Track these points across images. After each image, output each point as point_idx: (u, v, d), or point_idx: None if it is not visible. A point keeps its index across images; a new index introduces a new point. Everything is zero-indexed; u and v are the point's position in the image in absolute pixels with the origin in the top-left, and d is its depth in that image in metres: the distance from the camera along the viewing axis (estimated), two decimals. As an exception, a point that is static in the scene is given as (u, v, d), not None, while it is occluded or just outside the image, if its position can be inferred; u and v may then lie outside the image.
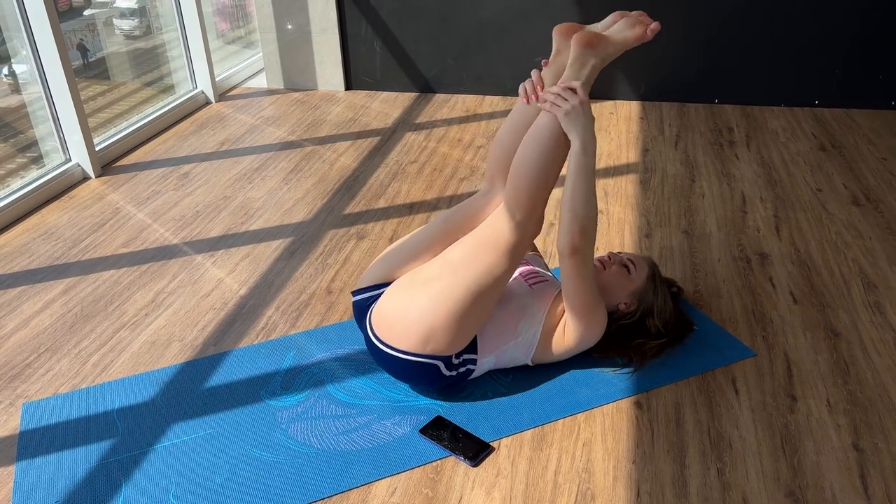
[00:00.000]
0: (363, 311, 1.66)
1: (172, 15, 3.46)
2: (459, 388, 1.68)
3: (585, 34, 1.57)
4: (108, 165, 2.92)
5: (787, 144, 2.99)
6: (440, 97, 3.64)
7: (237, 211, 2.54)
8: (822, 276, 2.09)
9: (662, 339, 1.76)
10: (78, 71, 3.34)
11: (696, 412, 1.60)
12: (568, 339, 1.66)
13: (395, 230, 2.39)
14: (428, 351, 1.54)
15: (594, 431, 1.56)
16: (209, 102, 3.60)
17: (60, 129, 2.74)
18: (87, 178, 2.81)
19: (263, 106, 3.56)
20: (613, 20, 1.62)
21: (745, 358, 1.76)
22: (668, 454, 1.50)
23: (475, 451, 1.50)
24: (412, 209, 2.52)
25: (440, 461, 1.49)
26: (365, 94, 3.71)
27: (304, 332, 1.90)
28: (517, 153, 1.58)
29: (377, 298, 1.64)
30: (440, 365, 1.56)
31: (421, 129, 3.25)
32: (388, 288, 1.62)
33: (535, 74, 1.65)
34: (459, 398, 1.65)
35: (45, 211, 2.57)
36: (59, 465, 1.51)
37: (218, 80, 3.68)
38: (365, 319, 1.65)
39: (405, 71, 3.68)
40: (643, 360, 1.73)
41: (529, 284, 1.72)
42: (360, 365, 1.77)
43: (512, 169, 1.57)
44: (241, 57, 4.13)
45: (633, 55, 3.44)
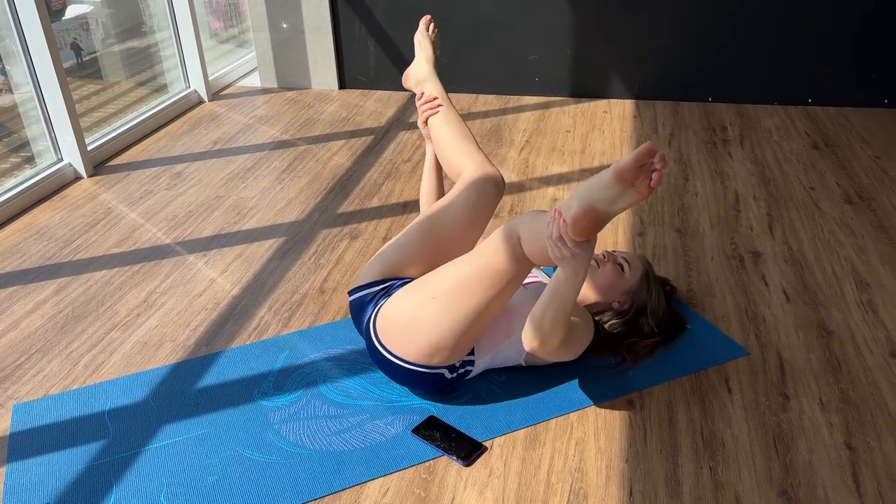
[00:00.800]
0: (360, 308, 1.65)
1: (165, 14, 3.44)
2: (453, 387, 1.67)
3: (583, 230, 1.32)
4: (100, 165, 2.91)
5: (780, 143, 3.00)
6: (434, 96, 3.63)
7: (230, 211, 2.53)
8: (814, 274, 2.09)
9: (655, 337, 1.76)
10: (72, 70, 3.33)
11: (688, 411, 1.60)
12: None
13: (388, 229, 2.38)
14: (433, 363, 1.54)
15: (587, 431, 1.56)
16: (202, 102, 3.58)
17: (52, 129, 2.73)
18: (79, 177, 2.80)
19: (257, 105, 3.55)
20: (611, 183, 1.27)
21: (737, 357, 1.76)
22: (660, 453, 1.50)
23: (468, 450, 1.50)
24: (406, 208, 2.52)
25: (433, 461, 1.49)
26: (359, 93, 3.71)
27: (296, 331, 1.89)
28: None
29: (375, 296, 1.63)
30: (444, 371, 1.57)
31: (415, 128, 3.24)
32: (394, 294, 1.59)
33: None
34: (452, 398, 1.65)
35: (36, 211, 2.56)
36: (49, 466, 1.50)
37: (211, 79, 3.66)
38: (362, 319, 1.65)
39: (399, 70, 3.67)
40: (636, 359, 1.73)
41: (524, 285, 1.72)
42: (352, 365, 1.76)
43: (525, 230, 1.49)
44: (234, 56, 4.12)
45: (626, 54, 3.45)
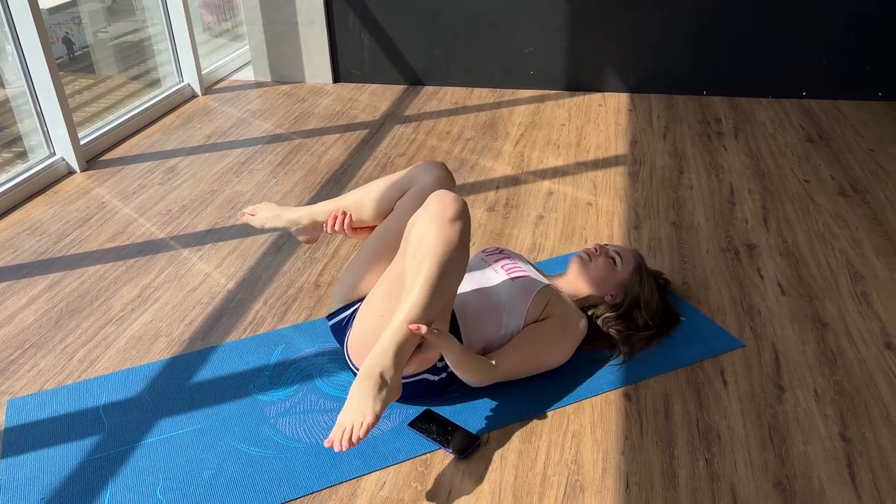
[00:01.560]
0: (339, 332, 1.65)
1: (158, 7, 3.42)
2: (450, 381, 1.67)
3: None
4: (93, 160, 2.89)
5: (774, 136, 3.00)
6: (429, 89, 3.63)
7: (224, 205, 2.52)
8: (809, 266, 2.09)
9: (650, 330, 1.77)
10: (64, 64, 3.31)
11: (684, 403, 1.61)
12: None
13: (383, 223, 2.37)
14: (411, 372, 1.53)
15: (583, 423, 1.56)
16: (195, 95, 3.57)
17: (45, 123, 2.71)
18: (72, 172, 2.78)
19: (250, 99, 3.54)
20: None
21: (733, 349, 1.77)
22: (656, 445, 1.50)
23: (464, 444, 1.50)
24: (401, 202, 2.51)
25: (429, 454, 1.49)
26: (353, 86, 3.69)
27: (292, 326, 1.89)
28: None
29: (347, 321, 1.63)
30: (426, 376, 1.56)
31: (409, 121, 3.23)
32: (355, 318, 1.59)
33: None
34: (448, 391, 1.65)
35: (29, 205, 2.54)
36: (44, 461, 1.49)
37: (204, 73, 3.65)
38: (342, 343, 1.64)
39: (393, 63, 3.67)
40: (631, 351, 1.74)
41: (511, 278, 1.70)
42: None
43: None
44: (227, 49, 4.10)
45: (621, 47, 3.45)
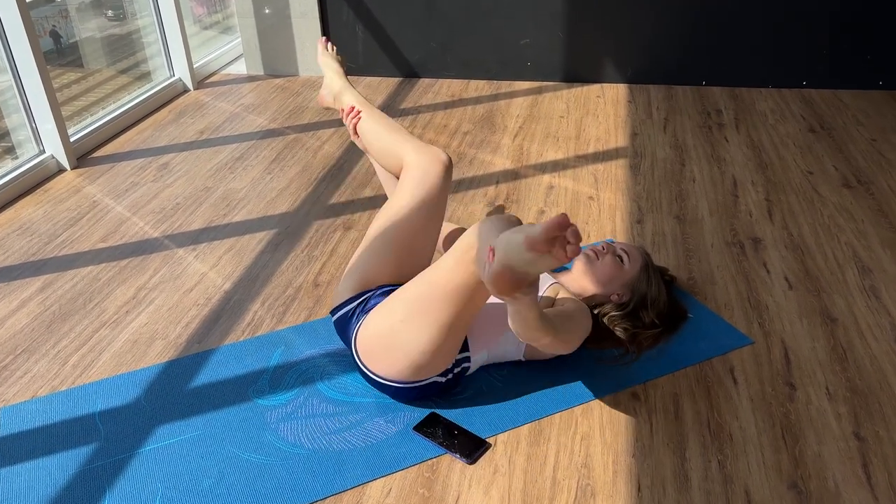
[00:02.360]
0: (344, 325, 1.61)
1: (147, 1, 3.35)
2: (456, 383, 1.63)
3: (498, 288, 1.15)
4: (83, 157, 2.83)
5: (776, 126, 2.96)
6: (425, 82, 3.58)
7: (219, 202, 2.47)
8: (816, 260, 2.06)
9: (657, 328, 1.73)
10: (52, 58, 3.24)
11: (694, 403, 1.57)
12: None
13: (382, 220, 2.33)
14: (420, 378, 1.50)
15: (592, 425, 1.53)
16: (187, 90, 3.50)
17: (33, 119, 2.65)
18: (62, 170, 2.72)
19: (243, 93, 3.48)
20: (526, 248, 1.10)
21: (741, 346, 1.73)
22: (667, 447, 1.47)
23: (471, 448, 1.46)
24: (399, 198, 2.47)
25: (436, 459, 1.45)
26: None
27: (291, 327, 1.85)
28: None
29: (355, 312, 1.59)
30: (436, 379, 1.52)
31: (406, 114, 3.18)
32: (367, 316, 1.54)
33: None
34: (453, 394, 1.61)
35: (19, 205, 2.49)
36: (39, 471, 1.45)
37: (196, 66, 3.58)
38: (348, 337, 1.60)
39: (388, 55, 3.61)
40: (639, 350, 1.70)
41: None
42: (349, 361, 1.72)
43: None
44: (219, 42, 4.03)
45: (619, 38, 3.40)
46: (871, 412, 1.54)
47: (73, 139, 2.79)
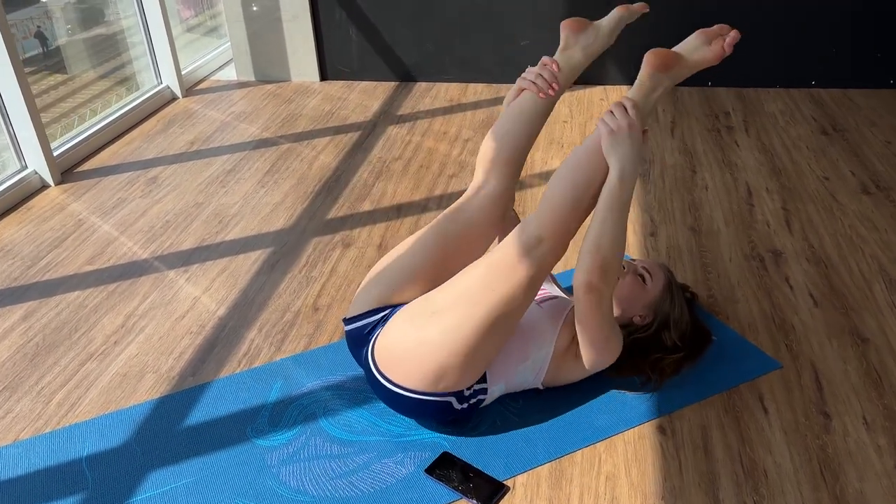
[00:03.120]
0: (358, 340, 1.50)
1: (131, 2, 3.21)
2: (467, 418, 1.53)
3: (660, 55, 1.48)
4: (68, 171, 2.70)
5: (786, 129, 2.87)
6: (422, 86, 3.46)
7: (211, 219, 2.36)
8: (840, 274, 1.97)
9: (679, 352, 1.63)
10: (37, 60, 3.12)
11: (724, 436, 1.47)
12: (580, 363, 1.52)
13: (383, 236, 2.22)
14: (440, 389, 1.39)
15: (617, 463, 1.43)
16: (176, 98, 3.38)
17: (14, 134, 2.52)
18: (45, 186, 2.60)
19: (234, 100, 3.36)
20: (695, 36, 1.57)
21: (770, 371, 1.64)
22: (699, 487, 1.37)
23: (489, 492, 1.36)
24: (400, 212, 2.36)
25: (450, 505, 1.35)
26: (342, 84, 3.52)
27: (290, 356, 1.74)
28: (554, 176, 1.44)
29: (374, 327, 1.48)
30: (452, 400, 1.42)
31: (403, 121, 3.07)
32: (391, 319, 1.45)
33: (551, 64, 1.54)
34: (466, 430, 1.50)
35: (0, 225, 2.36)
36: (21, 527, 1.34)
37: (184, 73, 3.45)
38: (361, 351, 1.49)
39: (384, 59, 3.49)
40: (662, 377, 1.60)
41: (538, 302, 1.58)
42: (354, 394, 1.61)
43: (546, 193, 1.43)
44: (207, 47, 3.90)
45: (621, 38, 3.28)
46: (912, 444, 1.44)
47: (56, 153, 2.66)
